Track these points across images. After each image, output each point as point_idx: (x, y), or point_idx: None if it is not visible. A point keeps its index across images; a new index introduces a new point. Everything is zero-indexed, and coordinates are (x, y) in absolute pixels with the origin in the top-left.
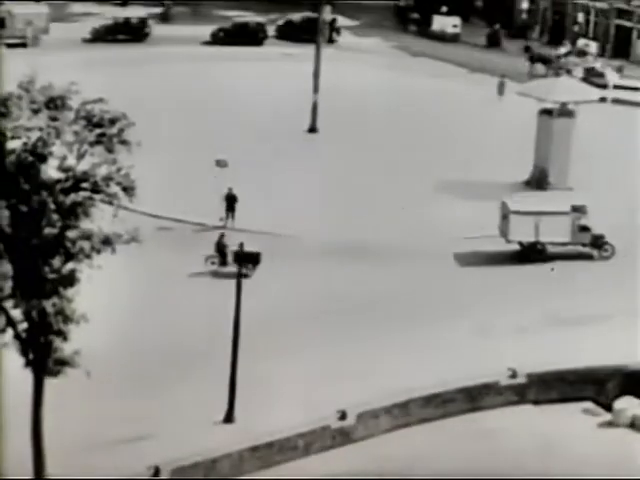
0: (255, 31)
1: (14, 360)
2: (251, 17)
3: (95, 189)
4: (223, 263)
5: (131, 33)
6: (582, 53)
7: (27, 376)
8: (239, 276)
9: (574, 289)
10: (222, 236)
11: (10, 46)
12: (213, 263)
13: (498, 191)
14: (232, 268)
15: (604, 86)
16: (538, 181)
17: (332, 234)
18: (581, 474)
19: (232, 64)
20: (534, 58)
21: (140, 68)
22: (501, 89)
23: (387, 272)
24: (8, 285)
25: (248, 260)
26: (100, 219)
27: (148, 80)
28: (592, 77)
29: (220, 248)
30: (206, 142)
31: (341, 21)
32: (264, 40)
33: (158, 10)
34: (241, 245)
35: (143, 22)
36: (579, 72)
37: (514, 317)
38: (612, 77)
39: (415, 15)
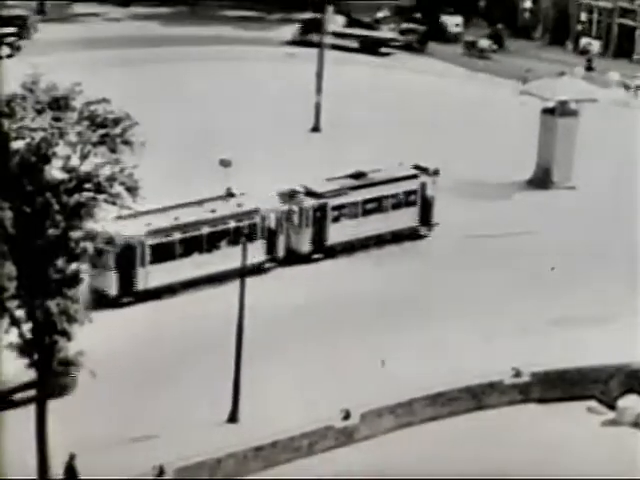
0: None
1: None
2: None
3: (99, 189)
4: None
5: None
6: (584, 51)
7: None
8: (241, 277)
9: None
10: None
11: None
12: None
13: (501, 190)
14: None
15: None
16: (541, 180)
17: None
18: (585, 472)
19: None
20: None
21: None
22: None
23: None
24: (12, 285)
25: None
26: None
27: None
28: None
29: None
30: (209, 141)
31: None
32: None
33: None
34: None
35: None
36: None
37: None
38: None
39: (418, 15)
